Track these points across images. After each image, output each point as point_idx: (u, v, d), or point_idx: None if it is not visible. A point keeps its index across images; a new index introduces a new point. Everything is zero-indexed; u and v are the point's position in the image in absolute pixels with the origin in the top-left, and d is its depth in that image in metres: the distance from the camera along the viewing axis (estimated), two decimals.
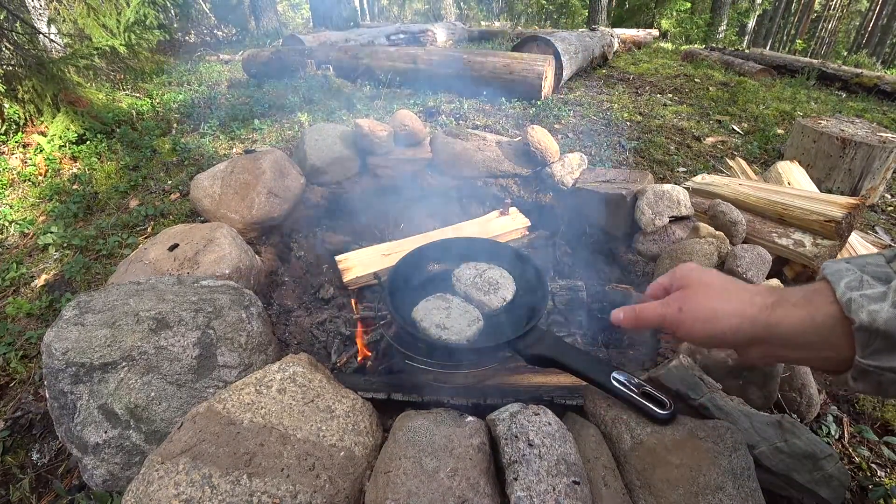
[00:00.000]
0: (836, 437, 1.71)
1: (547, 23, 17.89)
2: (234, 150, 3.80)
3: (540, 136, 2.69)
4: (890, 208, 3.40)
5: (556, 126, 4.23)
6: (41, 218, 3.14)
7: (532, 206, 2.80)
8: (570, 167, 2.73)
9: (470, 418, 1.27)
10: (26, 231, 3.00)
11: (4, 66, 3.70)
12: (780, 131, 4.46)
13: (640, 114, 4.69)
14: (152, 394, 1.36)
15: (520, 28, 10.97)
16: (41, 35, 4.84)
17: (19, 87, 3.72)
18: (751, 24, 17.70)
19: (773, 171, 2.96)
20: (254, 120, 4.22)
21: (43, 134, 3.92)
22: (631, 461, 1.21)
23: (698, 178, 2.68)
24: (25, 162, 3.73)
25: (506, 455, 1.12)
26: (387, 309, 1.93)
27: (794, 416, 1.61)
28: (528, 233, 2.66)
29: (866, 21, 26.31)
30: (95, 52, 4.04)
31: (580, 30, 7.66)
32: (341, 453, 1.19)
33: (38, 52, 4.14)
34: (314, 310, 2.27)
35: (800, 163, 3.15)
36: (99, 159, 3.73)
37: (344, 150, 2.79)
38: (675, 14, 14.86)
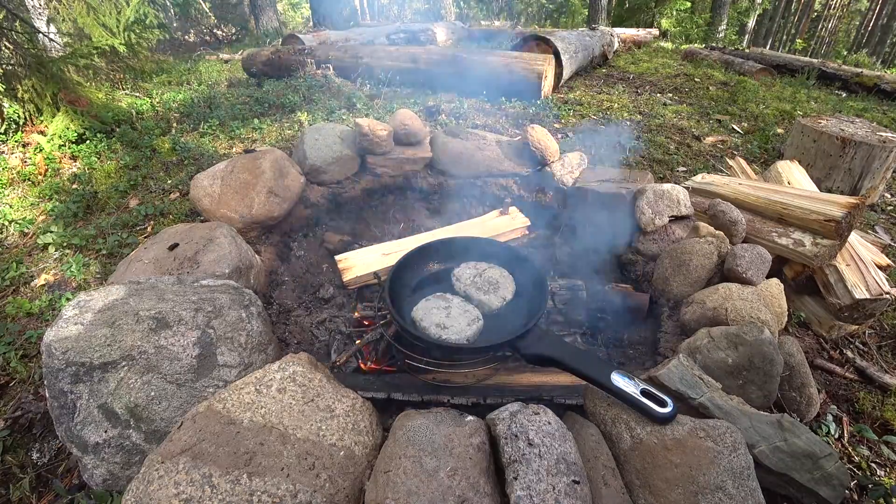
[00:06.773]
0: (836, 436, 1.71)
1: (547, 22, 17.89)
2: (234, 149, 3.79)
3: (540, 136, 2.69)
4: (890, 208, 3.40)
5: (555, 125, 4.22)
6: (41, 217, 3.14)
7: (532, 206, 2.80)
8: (569, 166, 2.73)
9: (470, 418, 1.27)
10: (26, 230, 2.99)
11: (4, 66, 3.70)
12: (779, 131, 4.46)
13: (640, 113, 4.69)
14: (152, 393, 1.36)
15: (520, 27, 10.95)
16: (41, 34, 4.83)
17: (19, 86, 3.71)
18: (751, 23, 17.67)
19: (773, 170, 2.96)
20: (254, 119, 4.21)
21: (42, 133, 3.92)
22: (631, 460, 1.21)
23: (698, 178, 2.68)
24: (25, 161, 3.73)
25: (506, 454, 1.12)
26: (386, 308, 1.93)
27: (794, 415, 1.61)
28: (527, 232, 2.66)
29: (866, 21, 26.28)
30: (95, 52, 4.03)
31: (580, 29, 7.65)
32: (341, 452, 1.20)
33: (37, 52, 4.13)
34: (314, 309, 2.27)
35: (800, 162, 3.14)
36: (99, 159, 3.73)
37: (344, 149, 2.79)
38: (675, 13, 14.84)
